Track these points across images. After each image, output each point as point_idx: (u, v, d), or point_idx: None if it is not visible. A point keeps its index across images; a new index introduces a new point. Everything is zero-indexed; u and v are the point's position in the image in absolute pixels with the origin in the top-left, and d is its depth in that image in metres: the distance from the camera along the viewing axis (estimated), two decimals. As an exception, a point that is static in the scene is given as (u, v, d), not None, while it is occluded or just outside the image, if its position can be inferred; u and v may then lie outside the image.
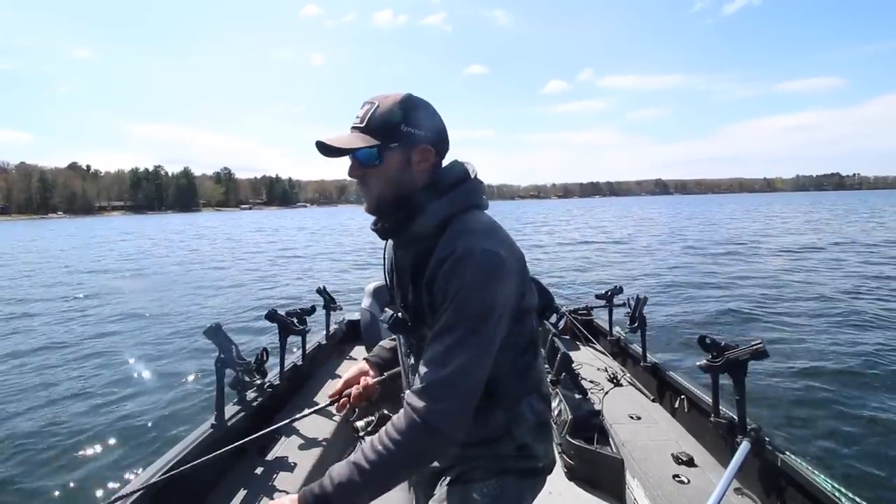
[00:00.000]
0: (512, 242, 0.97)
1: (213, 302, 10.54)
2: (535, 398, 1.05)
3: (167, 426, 4.39)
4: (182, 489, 1.81)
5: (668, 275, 12.15)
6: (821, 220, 31.61)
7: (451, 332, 0.87)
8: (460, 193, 0.98)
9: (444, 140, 1.01)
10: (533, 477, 1.08)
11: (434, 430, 0.85)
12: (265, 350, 2.58)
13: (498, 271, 0.88)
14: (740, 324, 7.39)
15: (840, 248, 16.47)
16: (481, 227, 0.94)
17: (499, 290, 0.88)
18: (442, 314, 0.89)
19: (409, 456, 0.87)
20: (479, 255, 0.87)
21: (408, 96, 0.96)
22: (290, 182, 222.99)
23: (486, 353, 0.89)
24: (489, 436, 1.01)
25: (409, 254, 1.00)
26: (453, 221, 0.94)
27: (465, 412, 0.87)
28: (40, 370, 6.06)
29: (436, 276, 0.90)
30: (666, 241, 21.44)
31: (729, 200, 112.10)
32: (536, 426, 1.04)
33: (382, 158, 0.94)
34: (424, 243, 0.95)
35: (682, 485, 2.02)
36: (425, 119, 0.96)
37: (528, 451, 1.03)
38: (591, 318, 4.16)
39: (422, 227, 0.95)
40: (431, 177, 0.98)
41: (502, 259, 0.89)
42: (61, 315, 9.48)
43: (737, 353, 1.94)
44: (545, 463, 1.09)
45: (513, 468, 1.04)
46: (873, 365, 5.34)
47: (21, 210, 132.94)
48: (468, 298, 0.86)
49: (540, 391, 1.07)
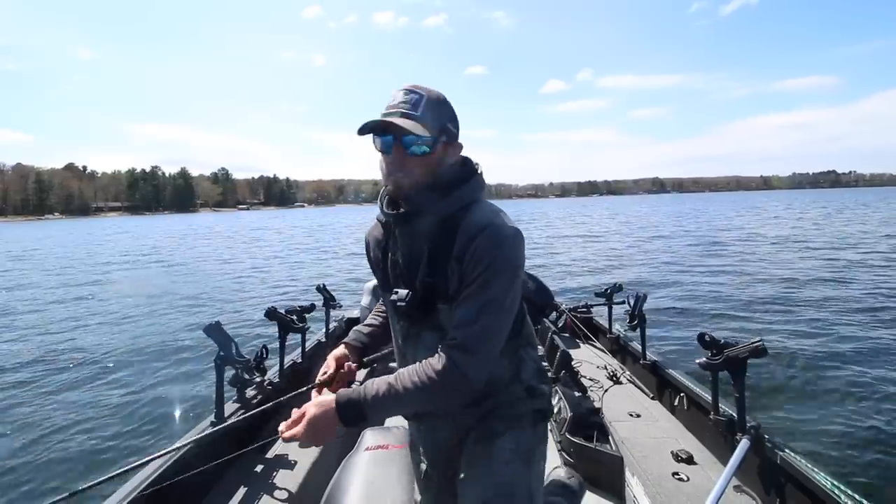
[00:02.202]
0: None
1: (213, 300, 10.53)
2: (530, 348, 1.21)
3: (166, 423, 4.39)
4: (181, 487, 1.81)
5: (668, 273, 12.17)
6: (818, 218, 31.71)
7: (487, 292, 0.99)
8: (476, 184, 1.11)
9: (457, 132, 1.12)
10: (543, 421, 1.21)
11: (468, 379, 0.98)
12: (265, 348, 2.57)
13: (520, 243, 1.04)
14: (740, 322, 7.40)
15: (839, 246, 16.52)
16: (498, 210, 1.07)
17: (522, 258, 1.04)
18: (475, 279, 1.00)
19: (440, 396, 1.00)
20: (508, 230, 1.02)
21: (444, 95, 1.08)
22: (288, 182, 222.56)
23: (512, 308, 1.04)
24: (501, 381, 1.15)
25: (427, 236, 1.08)
26: (473, 206, 1.07)
27: (491, 362, 1.02)
28: (39, 369, 6.04)
29: (467, 248, 1.01)
30: (666, 240, 21.48)
31: (726, 198, 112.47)
32: (537, 370, 1.21)
33: (433, 149, 1.04)
34: (445, 225, 1.06)
35: (682, 482, 2.02)
36: (456, 118, 1.09)
37: (534, 391, 1.18)
38: (591, 315, 4.16)
39: (446, 210, 1.06)
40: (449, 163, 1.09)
41: (521, 234, 1.04)
42: (61, 315, 9.46)
43: (736, 350, 1.94)
44: (549, 407, 1.23)
45: (525, 412, 1.17)
46: (873, 363, 5.36)
47: (17, 211, 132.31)
48: (504, 264, 1.00)
49: (532, 343, 1.23)
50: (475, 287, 0.99)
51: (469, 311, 0.99)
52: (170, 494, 1.75)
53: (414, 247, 1.11)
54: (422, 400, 1.01)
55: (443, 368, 0.97)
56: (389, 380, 1.01)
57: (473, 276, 1.00)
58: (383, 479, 1.81)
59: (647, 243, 20.18)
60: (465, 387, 0.98)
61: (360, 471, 1.86)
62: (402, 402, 1.00)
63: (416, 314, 1.11)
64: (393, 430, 2.13)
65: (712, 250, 16.60)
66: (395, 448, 1.99)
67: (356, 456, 1.97)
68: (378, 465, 1.89)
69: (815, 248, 16.00)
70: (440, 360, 0.98)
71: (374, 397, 0.99)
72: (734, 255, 15.26)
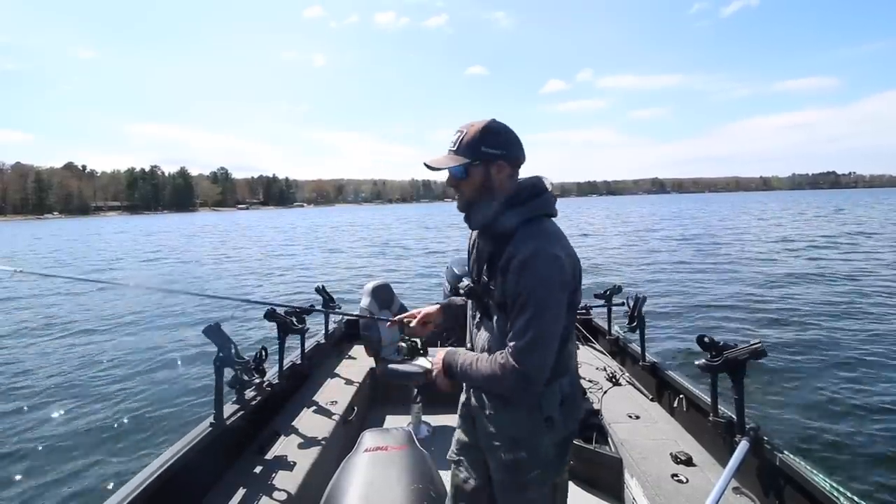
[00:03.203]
0: (570, 247, 1.25)
1: (216, 300, 10.50)
2: (565, 380, 1.31)
3: (166, 425, 4.38)
4: (180, 488, 1.81)
5: (667, 274, 12.18)
6: (817, 218, 31.72)
7: (526, 311, 1.16)
8: (534, 204, 1.27)
9: (518, 155, 1.29)
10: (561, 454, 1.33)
11: (523, 375, 1.16)
12: (264, 349, 2.57)
13: (557, 268, 1.17)
14: (739, 323, 7.41)
15: (838, 245, 16.53)
16: (547, 233, 1.24)
17: (557, 281, 1.17)
18: (517, 297, 1.18)
19: (498, 385, 1.22)
20: (545, 255, 1.17)
21: (489, 123, 1.27)
22: (288, 182, 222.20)
23: (555, 325, 1.19)
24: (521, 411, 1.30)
25: (488, 245, 1.32)
26: (526, 225, 1.24)
27: (545, 365, 1.18)
28: (37, 368, 6.04)
29: (508, 267, 1.20)
30: (665, 241, 21.47)
31: (725, 199, 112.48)
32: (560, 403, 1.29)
33: (468, 174, 1.27)
34: (501, 240, 1.25)
35: (681, 484, 2.02)
36: (500, 140, 1.26)
37: (552, 423, 1.28)
38: (590, 317, 4.15)
39: (500, 227, 1.26)
40: (512, 186, 1.29)
41: (561, 259, 1.18)
42: (60, 314, 9.44)
43: (736, 352, 1.94)
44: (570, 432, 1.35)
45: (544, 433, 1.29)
46: (872, 364, 5.37)
47: (17, 210, 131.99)
48: (537, 286, 1.16)
49: (570, 372, 1.33)
50: (520, 305, 1.18)
51: (518, 326, 1.18)
52: (169, 495, 1.74)
53: (482, 250, 1.36)
54: (483, 383, 1.26)
55: (505, 365, 1.18)
56: (474, 357, 1.28)
57: (516, 292, 1.18)
58: (382, 480, 1.81)
59: (647, 244, 20.19)
60: (522, 381, 1.17)
61: (359, 472, 1.86)
62: (472, 377, 1.27)
63: (476, 303, 1.38)
64: (392, 432, 2.13)
65: (712, 251, 16.60)
66: (395, 450, 1.99)
67: (355, 457, 1.97)
68: (377, 466, 1.88)
69: (814, 248, 16.03)
70: (506, 357, 1.18)
71: (461, 365, 1.30)
72: (734, 256, 15.27)
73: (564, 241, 1.24)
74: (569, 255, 1.21)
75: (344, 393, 3.01)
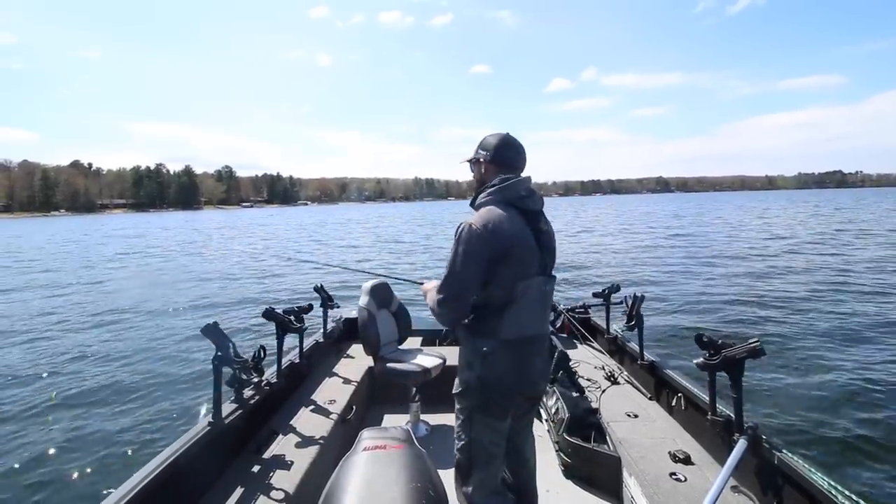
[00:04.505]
0: (497, 222, 1.61)
1: (215, 299, 10.57)
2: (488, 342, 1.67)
3: (164, 424, 4.40)
4: (179, 487, 1.82)
5: (666, 273, 12.14)
6: (818, 218, 31.54)
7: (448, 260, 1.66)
8: (490, 192, 1.70)
9: (501, 157, 1.74)
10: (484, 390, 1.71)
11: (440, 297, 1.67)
12: (263, 348, 2.57)
13: (468, 234, 1.61)
14: (738, 322, 7.39)
15: (838, 245, 16.43)
16: (481, 213, 1.66)
17: (464, 240, 1.61)
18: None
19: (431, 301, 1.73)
20: (464, 226, 1.63)
21: (493, 135, 1.78)
22: (291, 180, 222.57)
23: (463, 269, 1.61)
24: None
25: None
26: (478, 207, 1.72)
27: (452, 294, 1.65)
28: (37, 368, 6.08)
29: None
30: (665, 240, 21.41)
31: (730, 198, 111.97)
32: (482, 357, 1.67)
33: (472, 167, 1.84)
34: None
35: (679, 483, 2.01)
36: (488, 145, 1.76)
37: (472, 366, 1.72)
38: (589, 316, 4.15)
39: (472, 207, 1.75)
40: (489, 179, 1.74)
41: (475, 228, 1.60)
42: (60, 315, 9.50)
43: (734, 351, 1.93)
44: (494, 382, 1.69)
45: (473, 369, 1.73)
46: (870, 363, 5.34)
47: (24, 208, 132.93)
48: (454, 244, 1.65)
49: (497, 338, 1.67)
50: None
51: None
52: (168, 494, 1.75)
53: None
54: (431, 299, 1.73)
55: (436, 287, 1.71)
56: (435, 284, 1.75)
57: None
58: (381, 479, 1.81)
59: (646, 243, 20.13)
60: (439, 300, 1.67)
61: (358, 471, 1.86)
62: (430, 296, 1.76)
63: None
64: (390, 431, 2.13)
65: (711, 251, 16.54)
66: (394, 448, 1.99)
67: (354, 456, 1.97)
68: (376, 465, 1.88)
69: (814, 249, 15.94)
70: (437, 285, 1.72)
71: (429, 289, 1.80)
72: (733, 255, 15.22)
73: (492, 218, 1.61)
74: (487, 227, 1.59)
75: (342, 392, 3.01)
